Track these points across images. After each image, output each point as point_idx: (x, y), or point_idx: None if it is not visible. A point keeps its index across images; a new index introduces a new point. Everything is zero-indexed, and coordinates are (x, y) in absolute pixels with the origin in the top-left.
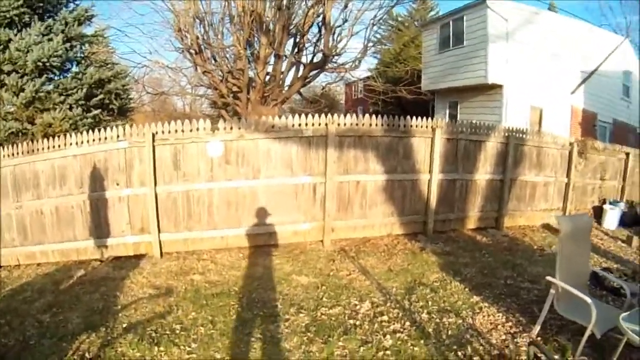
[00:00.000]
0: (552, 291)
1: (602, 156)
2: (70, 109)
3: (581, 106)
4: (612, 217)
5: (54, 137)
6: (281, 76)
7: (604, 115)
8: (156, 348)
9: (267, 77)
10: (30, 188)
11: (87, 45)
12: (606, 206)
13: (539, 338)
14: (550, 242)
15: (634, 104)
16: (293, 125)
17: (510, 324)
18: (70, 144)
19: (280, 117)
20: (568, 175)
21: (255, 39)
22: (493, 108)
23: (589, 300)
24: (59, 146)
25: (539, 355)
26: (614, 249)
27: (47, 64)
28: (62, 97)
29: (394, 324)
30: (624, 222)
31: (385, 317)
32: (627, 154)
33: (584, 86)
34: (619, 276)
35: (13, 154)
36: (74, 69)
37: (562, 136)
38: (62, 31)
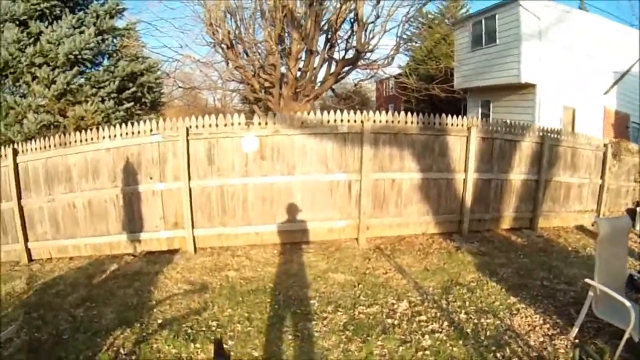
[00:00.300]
0: (591, 294)
1: (635, 158)
2: (103, 101)
3: (614, 107)
4: None
5: (86, 130)
6: (313, 72)
7: (636, 117)
8: (192, 345)
9: (299, 73)
10: (62, 181)
11: (118, 38)
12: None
13: (577, 341)
14: (585, 244)
15: None
16: (328, 122)
17: (547, 325)
18: (103, 137)
19: (315, 113)
20: (602, 177)
21: (287, 34)
22: (526, 107)
23: (628, 303)
24: (92, 139)
25: (585, 358)
26: None
27: (79, 56)
28: (94, 90)
29: (432, 323)
30: None
31: (423, 317)
32: None
33: (616, 87)
34: None
35: (45, 147)
36: (106, 62)
37: (596, 137)
38: (94, 24)
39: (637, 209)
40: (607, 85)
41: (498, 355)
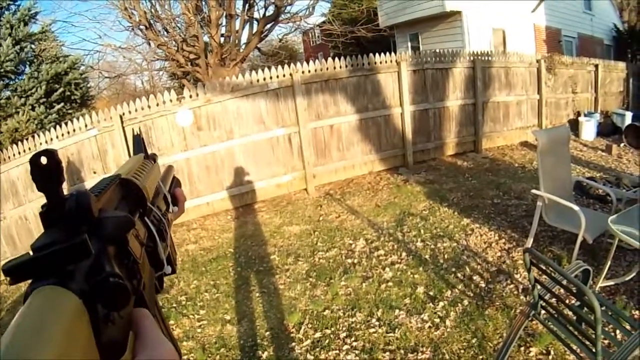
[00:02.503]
0: (539, 203)
1: (570, 70)
2: (33, 109)
3: (544, 23)
4: (588, 128)
5: (22, 141)
6: (236, 35)
7: (568, 31)
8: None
9: (223, 39)
10: (9, 197)
11: (36, 43)
12: (581, 118)
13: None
14: (531, 159)
15: (597, 17)
16: (258, 81)
17: (503, 240)
18: (41, 143)
19: (243, 75)
20: (539, 91)
21: (204, 2)
22: (454, 35)
23: (576, 207)
24: (30, 149)
25: (535, 261)
26: (595, 159)
27: (1, 70)
28: (23, 100)
29: (390, 256)
30: (601, 132)
31: (381, 252)
32: (596, 66)
33: (544, 4)
34: (603, 184)
35: None
36: (28, 69)
37: (529, 54)
38: (9, 35)
39: (579, 118)
40: (534, 2)
41: (459, 275)
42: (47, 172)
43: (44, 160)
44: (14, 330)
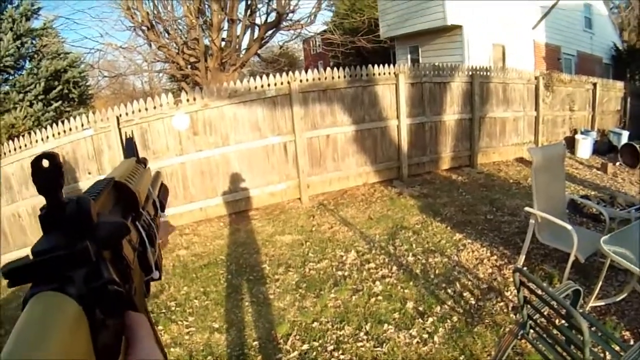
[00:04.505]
0: (532, 221)
1: (569, 88)
2: (31, 105)
3: (544, 40)
4: (585, 147)
5: (18, 137)
6: (237, 40)
7: (567, 48)
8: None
9: (223, 43)
10: (3, 193)
11: (37, 39)
12: (578, 136)
13: (524, 268)
14: (526, 175)
15: (597, 35)
16: (255, 88)
17: (495, 257)
18: (37, 140)
19: (242, 81)
20: (537, 108)
21: (206, 6)
22: (454, 49)
23: (569, 226)
24: (25, 145)
25: (524, 281)
26: (590, 177)
27: (0, 64)
28: (21, 95)
29: (381, 270)
30: (597, 150)
31: (372, 265)
32: (595, 84)
33: (545, 21)
34: (597, 202)
35: None
36: (28, 64)
37: (527, 71)
38: (10, 29)
39: (576, 136)
40: (535, 19)
41: (449, 291)
42: (48, 175)
43: (45, 163)
44: (16, 338)
